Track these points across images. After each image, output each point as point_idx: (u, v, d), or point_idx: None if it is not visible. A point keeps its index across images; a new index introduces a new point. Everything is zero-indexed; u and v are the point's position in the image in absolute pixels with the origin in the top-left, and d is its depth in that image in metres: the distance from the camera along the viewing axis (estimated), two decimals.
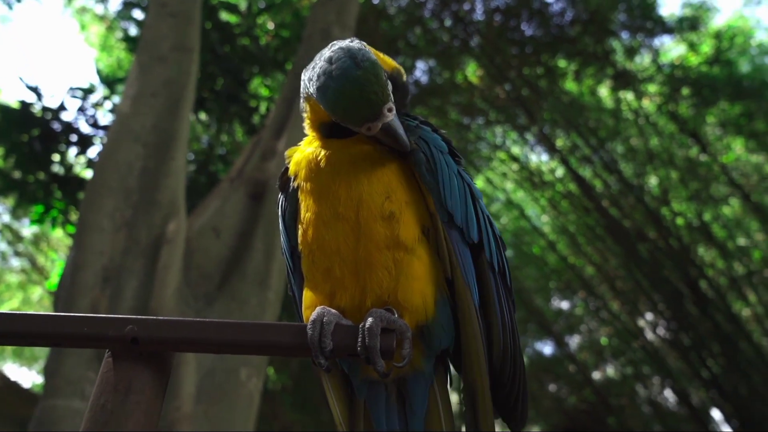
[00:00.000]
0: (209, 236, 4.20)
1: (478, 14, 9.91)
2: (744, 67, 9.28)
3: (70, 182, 6.57)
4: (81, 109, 6.89)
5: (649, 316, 10.49)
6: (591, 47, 9.48)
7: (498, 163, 11.37)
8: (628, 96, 9.41)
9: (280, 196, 1.11)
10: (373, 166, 0.99)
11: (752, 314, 9.91)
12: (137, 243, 3.69)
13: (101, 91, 7.32)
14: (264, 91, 9.14)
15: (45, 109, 6.51)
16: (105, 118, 7.00)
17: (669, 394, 12.13)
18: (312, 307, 0.95)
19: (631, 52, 9.40)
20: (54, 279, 8.23)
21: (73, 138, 6.69)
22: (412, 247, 0.95)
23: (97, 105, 7.02)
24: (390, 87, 0.96)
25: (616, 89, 9.38)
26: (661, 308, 9.74)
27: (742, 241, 10.04)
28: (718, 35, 8.95)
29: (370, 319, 0.86)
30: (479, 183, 12.39)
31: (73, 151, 6.74)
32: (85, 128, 6.79)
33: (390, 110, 0.95)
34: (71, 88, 6.83)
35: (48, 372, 3.25)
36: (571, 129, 9.56)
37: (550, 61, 9.90)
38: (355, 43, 0.98)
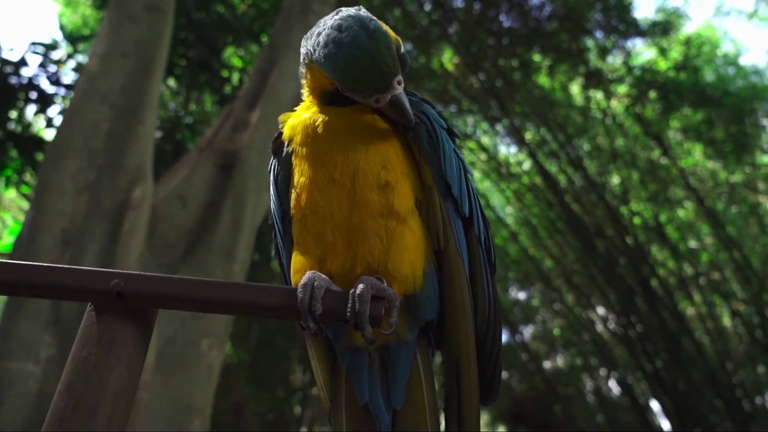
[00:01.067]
0: (175, 205, 4.12)
1: (458, 1, 9.91)
2: (709, 75, 9.58)
3: (28, 141, 6.30)
4: (42, 66, 6.59)
5: (601, 310, 10.84)
6: (566, 44, 9.62)
7: (467, 152, 11.46)
8: (598, 95, 9.61)
9: (273, 160, 1.10)
10: (371, 136, 1.00)
11: (696, 313, 10.36)
12: (100, 207, 3.59)
13: (64, 48, 7.03)
14: (236, 62, 8.95)
15: (3, 62, 6.21)
16: (68, 76, 6.72)
17: (613, 385, 12.63)
18: (302, 272, 0.96)
19: (603, 52, 9.57)
20: (7, 240, 7.93)
21: (33, 95, 6.41)
22: (404, 217, 0.97)
23: (59, 62, 6.73)
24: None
25: (586, 87, 9.55)
26: (612, 303, 10.08)
27: (693, 243, 10.44)
28: (687, 42, 9.21)
29: (360, 286, 0.87)
30: None
31: (31, 109, 6.46)
32: (46, 86, 6.51)
33: (399, 83, 0.95)
34: (32, 44, 6.52)
35: (2, 334, 3.15)
36: (540, 123, 9.71)
37: (525, 54, 10.00)
38: (364, 12, 0.97)
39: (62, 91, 6.48)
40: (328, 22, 0.98)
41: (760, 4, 10.72)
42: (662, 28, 9.26)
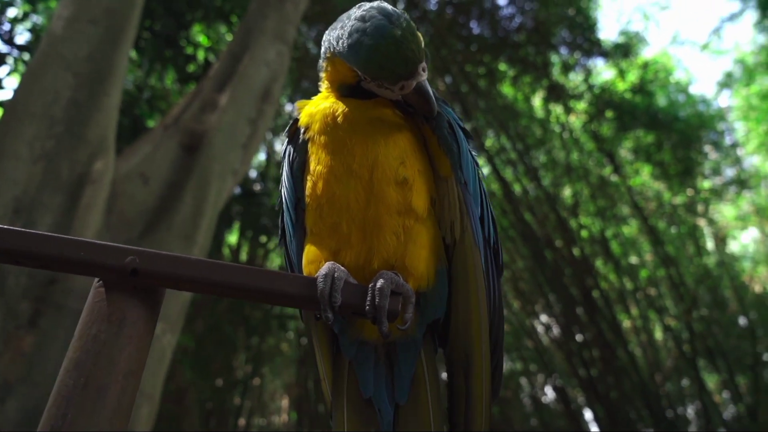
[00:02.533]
0: (136, 182, 3.97)
1: (432, 3, 9.98)
2: (661, 100, 10.03)
3: None
4: None
5: (544, 317, 11.18)
6: (531, 56, 9.85)
7: None
8: (558, 109, 9.89)
9: (288, 146, 1.09)
10: (390, 130, 1.00)
11: (632, 326, 10.85)
12: (57, 178, 3.42)
13: (21, 5, 6.64)
14: (203, 40, 8.70)
15: None
16: (22, 36, 6.37)
17: (549, 391, 13.06)
18: (316, 262, 0.95)
19: (566, 68, 9.86)
20: None
21: None
22: (421, 215, 0.98)
23: (14, 20, 6.36)
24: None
25: (548, 100, 9.81)
26: (556, 311, 10.42)
27: (634, 259, 10.91)
28: (644, 66, 9.60)
29: (381, 281, 0.87)
30: None
31: None
32: None
33: (424, 69, 0.95)
34: None
35: None
36: (501, 131, 9.91)
37: (492, 62, 10.18)
38: (385, 4, 0.97)
39: (15, 52, 6.13)
40: (351, 14, 0.98)
41: (712, 38, 11.30)
42: (623, 51, 9.63)
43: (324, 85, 1.09)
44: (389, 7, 0.96)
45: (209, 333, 8.50)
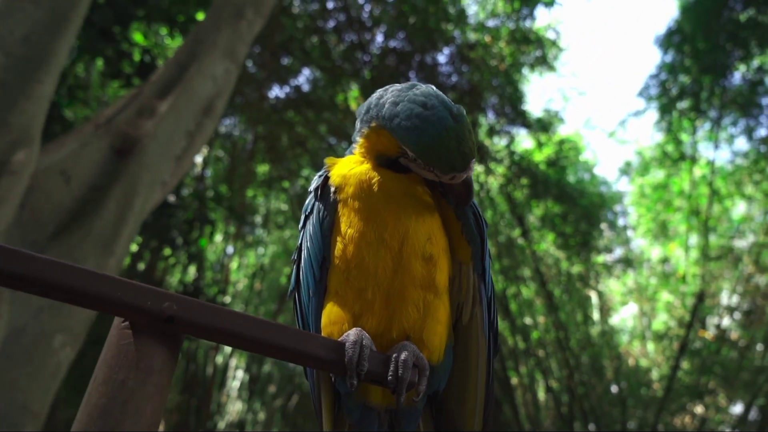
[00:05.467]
0: (56, 179, 3.69)
1: (376, 47, 10.26)
2: (571, 176, 10.86)
3: None
4: None
5: None
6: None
7: None
8: (479, 168, 10.40)
9: (318, 204, 1.09)
10: (421, 207, 1.04)
11: (519, 383, 11.36)
12: None
13: None
14: (138, 38, 8.34)
15: None
16: None
17: None
18: (339, 324, 0.96)
19: (492, 132, 10.45)
20: None
21: None
22: (441, 292, 1.02)
23: None
24: None
25: None
26: None
27: (528, 320, 11.52)
28: (560, 143, 10.39)
29: (405, 353, 0.90)
30: None
31: None
32: None
33: (473, 164, 1.01)
34: None
35: None
36: None
37: None
38: (439, 91, 1.03)
39: None
40: (405, 92, 1.01)
41: (618, 128, 12.50)
42: (543, 126, 10.39)
43: (359, 149, 1.11)
44: (447, 98, 1.01)
45: (92, 345, 7.86)
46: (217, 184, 11.31)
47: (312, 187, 1.12)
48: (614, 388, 11.11)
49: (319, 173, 1.13)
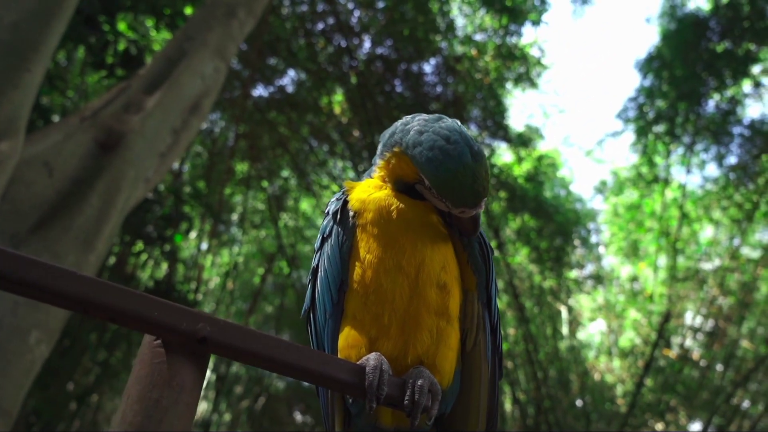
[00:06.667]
0: (38, 170, 3.62)
1: (363, 53, 10.30)
2: (547, 192, 11.06)
3: None
4: None
5: None
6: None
7: (328, 193, 11.68)
8: None
9: (337, 228, 1.11)
10: (436, 236, 1.08)
11: None
12: None
13: None
14: (123, 28, 8.21)
15: None
16: None
17: None
18: (357, 348, 0.98)
19: None
20: None
21: None
22: (453, 319, 1.05)
23: None
24: None
25: None
26: None
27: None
28: (539, 158, 10.57)
29: (421, 380, 0.93)
30: (305, 205, 12.52)
31: None
32: None
33: (484, 202, 1.04)
34: None
35: None
36: None
37: None
38: (464, 128, 1.07)
39: None
40: (431, 123, 1.05)
41: (596, 147, 12.78)
42: (523, 141, 10.56)
43: (379, 172, 1.14)
44: (470, 135, 1.05)
45: (60, 339, 7.68)
46: (195, 180, 11.18)
47: (330, 210, 1.15)
48: (579, 402, 11.32)
49: (336, 196, 1.16)
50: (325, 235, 1.13)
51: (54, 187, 3.63)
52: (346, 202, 1.12)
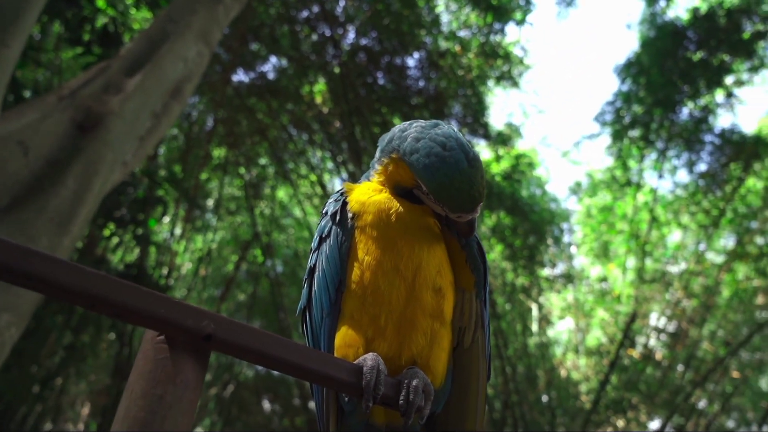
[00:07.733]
0: (13, 149, 3.52)
1: (347, 43, 10.25)
2: (524, 191, 11.20)
3: None
4: None
5: None
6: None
7: (306, 182, 11.63)
8: None
9: (336, 228, 1.12)
10: (433, 240, 1.10)
11: None
12: None
13: None
14: (101, 4, 8.01)
15: None
16: None
17: None
18: (354, 347, 1.00)
19: None
20: None
21: None
22: (446, 321, 1.08)
23: None
24: None
25: None
26: None
27: None
28: (517, 157, 10.69)
29: (416, 380, 0.96)
30: (282, 194, 12.43)
31: None
32: None
33: (480, 207, 1.07)
34: None
35: None
36: None
37: (387, 115, 10.65)
38: (460, 134, 1.09)
39: None
40: (428, 131, 1.06)
41: (572, 149, 12.98)
42: (503, 139, 10.66)
43: (378, 177, 1.15)
44: (466, 141, 1.07)
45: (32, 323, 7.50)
46: (171, 163, 11.00)
47: (329, 211, 1.15)
48: (545, 398, 11.56)
49: (335, 197, 1.17)
50: (323, 236, 1.14)
51: (29, 168, 3.54)
52: (345, 204, 1.13)
